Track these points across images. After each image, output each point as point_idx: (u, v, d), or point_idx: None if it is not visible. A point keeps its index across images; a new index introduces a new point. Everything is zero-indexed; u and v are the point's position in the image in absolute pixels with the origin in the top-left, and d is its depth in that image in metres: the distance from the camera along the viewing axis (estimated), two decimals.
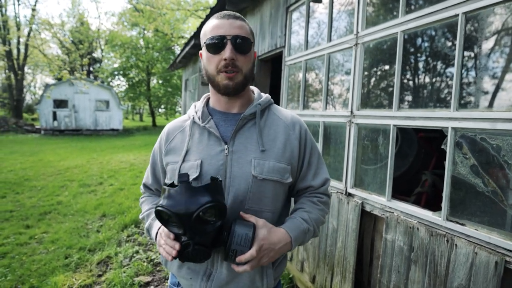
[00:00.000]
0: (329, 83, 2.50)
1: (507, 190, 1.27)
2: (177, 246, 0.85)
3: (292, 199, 1.18)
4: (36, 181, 6.76)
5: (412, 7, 1.77)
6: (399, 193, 3.07)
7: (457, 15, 1.45)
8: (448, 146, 1.47)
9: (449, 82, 1.51)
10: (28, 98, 38.54)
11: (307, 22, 2.79)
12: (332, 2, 2.47)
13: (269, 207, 1.00)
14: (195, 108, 1.08)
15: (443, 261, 1.46)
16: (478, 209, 1.37)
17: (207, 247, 0.84)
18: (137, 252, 3.51)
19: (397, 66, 1.78)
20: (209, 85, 1.02)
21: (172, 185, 0.94)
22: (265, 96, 1.09)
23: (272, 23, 3.44)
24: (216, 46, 0.93)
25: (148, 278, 2.96)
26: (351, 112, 2.14)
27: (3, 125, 18.27)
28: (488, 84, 1.44)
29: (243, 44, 0.94)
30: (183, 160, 1.00)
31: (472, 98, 1.48)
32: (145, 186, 1.21)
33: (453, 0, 1.46)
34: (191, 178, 0.96)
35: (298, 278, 2.72)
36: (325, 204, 1.11)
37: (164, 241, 0.90)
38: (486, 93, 1.44)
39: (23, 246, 3.63)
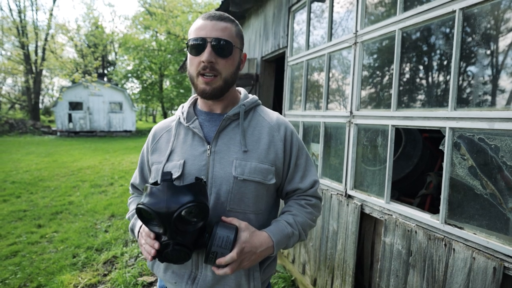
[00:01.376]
0: (330, 83, 2.46)
1: (506, 193, 1.22)
2: (156, 245, 0.83)
3: (282, 201, 1.16)
4: (49, 181, 6.94)
5: (411, 3, 1.72)
6: (404, 195, 2.99)
7: (454, 11, 1.40)
8: (446, 147, 1.42)
9: (447, 81, 1.46)
10: (46, 101, 39.74)
11: (308, 22, 2.76)
12: (333, 1, 2.44)
13: (251, 208, 0.98)
14: (182, 109, 1.08)
15: (441, 266, 1.41)
16: (477, 212, 1.32)
17: (188, 248, 0.83)
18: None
19: (395, 65, 1.73)
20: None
21: (155, 183, 0.93)
22: (252, 97, 1.08)
23: (275, 23, 3.43)
24: (196, 47, 0.92)
25: (151, 278, 2.99)
26: (351, 112, 2.10)
27: (21, 127, 18.88)
28: (486, 83, 1.38)
29: (224, 47, 0.92)
30: (167, 160, 1.00)
31: (470, 97, 1.43)
32: (133, 186, 1.21)
33: None
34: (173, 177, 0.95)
35: (300, 281, 2.69)
36: (314, 207, 1.09)
37: (144, 241, 0.89)
38: (484, 92, 1.38)
39: (34, 245, 3.73)
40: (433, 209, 2.55)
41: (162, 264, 1.02)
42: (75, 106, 18.82)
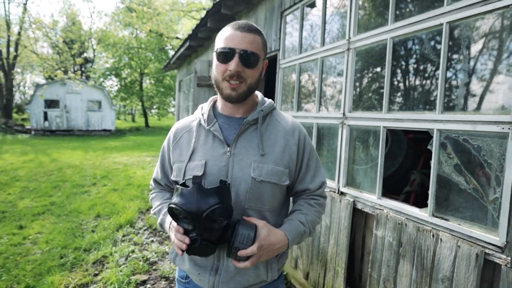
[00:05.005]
0: (322, 86, 2.59)
1: (486, 188, 1.37)
2: (187, 240, 0.93)
3: (291, 198, 1.25)
4: (28, 181, 6.70)
5: (401, 14, 1.86)
6: (389, 193, 3.17)
7: (441, 24, 1.54)
8: (434, 147, 1.57)
9: (435, 86, 1.61)
10: (17, 98, 37.94)
11: (301, 27, 2.88)
12: (326, 8, 2.56)
13: (267, 207, 1.07)
14: (201, 110, 1.15)
15: (429, 254, 1.56)
16: (461, 205, 1.47)
17: (213, 243, 0.93)
18: (133, 251, 3.54)
19: (387, 71, 1.87)
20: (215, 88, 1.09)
21: (183, 185, 1.01)
22: (269, 101, 1.15)
23: (267, 26, 3.52)
24: (225, 56, 0.99)
25: (144, 277, 3.00)
26: (343, 114, 2.23)
27: None
28: (470, 89, 1.54)
29: (250, 58, 0.99)
30: (189, 160, 1.07)
31: (455, 102, 1.58)
32: (155, 181, 1.27)
33: (438, 10, 1.56)
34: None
35: (292, 275, 2.80)
36: (321, 206, 1.19)
37: (174, 236, 0.98)
38: (469, 97, 1.54)
39: (17, 247, 3.62)
40: (417, 206, 2.73)
41: (185, 257, 1.10)
42: (51, 104, 18.10)
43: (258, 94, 1.17)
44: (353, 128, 2.18)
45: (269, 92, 4.81)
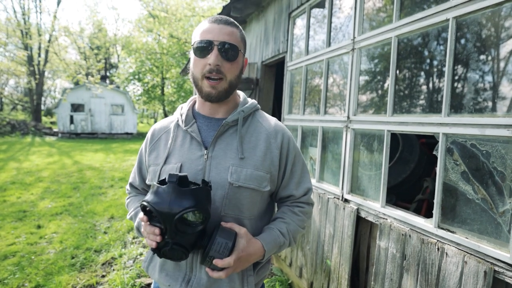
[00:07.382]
0: (328, 88, 2.50)
1: (496, 198, 1.24)
2: (158, 238, 0.84)
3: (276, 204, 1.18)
4: (50, 183, 6.97)
5: (406, 11, 1.76)
6: (402, 200, 3.01)
7: (447, 20, 1.43)
8: (440, 152, 1.45)
9: (441, 87, 1.49)
10: (48, 102, 39.90)
11: (308, 28, 2.80)
12: (332, 8, 2.48)
13: (246, 214, 1.00)
14: (181, 110, 1.09)
15: (434, 269, 1.43)
16: (469, 216, 1.34)
17: (186, 248, 0.85)
18: (141, 254, 3.57)
19: (391, 71, 1.76)
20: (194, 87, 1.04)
21: (162, 182, 0.93)
22: (251, 102, 1.09)
23: (275, 28, 3.47)
24: (202, 50, 0.94)
25: (149, 280, 3.00)
26: (348, 117, 2.13)
27: (23, 128, 18.95)
28: (479, 89, 1.41)
29: (229, 51, 0.94)
30: (165, 163, 1.01)
31: (462, 104, 1.45)
32: (131, 186, 1.21)
33: (444, 5, 1.45)
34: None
35: (297, 284, 2.70)
36: (305, 214, 1.11)
37: (146, 234, 0.88)
38: (477, 98, 1.41)
39: (33, 245, 3.75)
40: (430, 214, 2.57)
41: (156, 267, 1.04)
42: (77, 108, 18.90)
43: (241, 94, 1.11)
44: (358, 132, 2.07)
45: (277, 96, 4.75)
